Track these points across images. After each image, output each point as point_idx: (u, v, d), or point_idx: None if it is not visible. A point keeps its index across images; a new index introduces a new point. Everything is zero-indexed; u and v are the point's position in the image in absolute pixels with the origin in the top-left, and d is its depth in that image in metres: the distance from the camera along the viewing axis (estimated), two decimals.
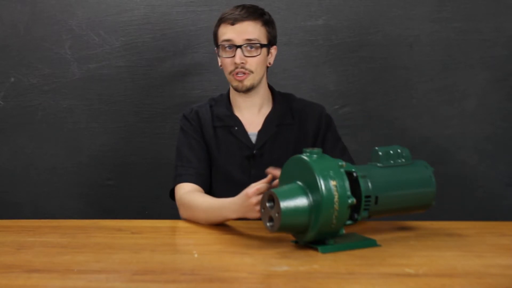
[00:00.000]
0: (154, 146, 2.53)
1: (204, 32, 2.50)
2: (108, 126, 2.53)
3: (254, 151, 1.91)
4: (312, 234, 1.43)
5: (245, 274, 1.31)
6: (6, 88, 2.53)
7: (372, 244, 1.51)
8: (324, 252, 1.44)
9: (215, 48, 1.95)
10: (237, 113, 1.96)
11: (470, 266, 1.36)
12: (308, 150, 1.49)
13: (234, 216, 1.63)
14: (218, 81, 2.49)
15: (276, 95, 1.99)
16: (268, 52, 1.92)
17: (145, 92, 2.52)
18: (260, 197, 1.54)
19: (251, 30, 1.86)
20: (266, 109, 1.96)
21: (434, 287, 1.22)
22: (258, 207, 1.54)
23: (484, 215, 2.47)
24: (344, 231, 1.47)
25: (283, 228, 1.43)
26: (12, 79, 2.53)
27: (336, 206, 1.40)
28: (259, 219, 1.53)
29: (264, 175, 1.86)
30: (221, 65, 1.94)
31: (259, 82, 1.92)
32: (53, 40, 2.51)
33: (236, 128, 1.93)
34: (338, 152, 1.91)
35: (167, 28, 2.51)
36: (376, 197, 1.49)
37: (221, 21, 1.90)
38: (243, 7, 1.89)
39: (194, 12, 2.51)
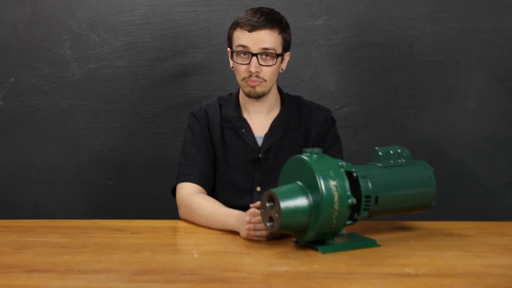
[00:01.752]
0: (154, 146, 2.53)
1: (204, 32, 2.50)
2: (108, 126, 2.53)
3: (260, 155, 1.90)
4: (312, 234, 1.43)
5: (245, 274, 1.31)
6: (6, 88, 2.53)
7: (372, 244, 1.51)
8: (324, 252, 1.44)
9: (228, 49, 1.92)
10: (245, 115, 1.95)
11: (470, 266, 1.36)
12: (308, 150, 1.49)
13: (235, 226, 1.62)
14: (218, 81, 2.49)
15: (284, 98, 1.97)
16: (282, 59, 1.91)
17: (145, 92, 2.52)
18: (257, 225, 1.54)
19: (268, 39, 1.83)
20: (274, 112, 1.95)
21: (434, 287, 1.22)
22: (247, 226, 1.55)
23: (484, 215, 2.47)
24: (344, 231, 1.47)
25: (283, 228, 1.43)
26: (12, 79, 2.52)
27: (336, 206, 1.40)
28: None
29: (267, 179, 1.87)
30: (232, 67, 1.93)
31: (270, 90, 1.91)
32: (53, 40, 2.51)
33: (243, 130, 1.92)
34: (332, 154, 1.90)
35: (167, 28, 2.51)
36: (376, 197, 1.50)
37: (238, 25, 1.86)
38: (261, 13, 1.85)
39: (194, 12, 2.51)
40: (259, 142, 1.92)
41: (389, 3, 2.49)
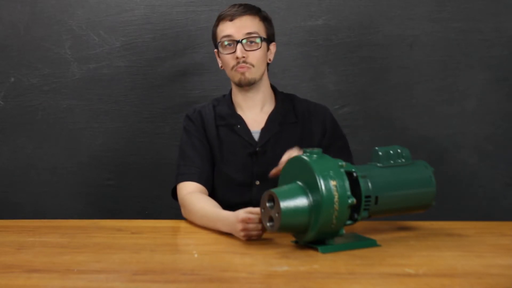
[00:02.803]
0: (154, 146, 2.53)
1: (204, 32, 2.50)
2: (108, 126, 2.53)
3: (257, 148, 1.91)
4: (312, 234, 1.43)
5: (245, 274, 1.31)
6: (6, 88, 2.53)
7: (372, 244, 1.51)
8: (324, 252, 1.44)
9: (215, 50, 1.96)
10: (240, 112, 1.96)
11: (470, 266, 1.36)
12: (308, 150, 1.49)
13: (225, 230, 1.62)
14: (218, 81, 2.49)
15: (278, 95, 2.00)
16: (268, 48, 1.94)
17: (145, 92, 2.52)
18: (247, 225, 1.54)
19: (250, 24, 1.89)
20: (269, 108, 1.97)
21: (434, 287, 1.22)
22: (243, 233, 1.54)
23: (484, 215, 2.47)
24: (344, 231, 1.47)
25: (283, 228, 1.43)
26: (12, 79, 2.53)
27: (336, 206, 1.40)
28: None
29: (266, 173, 1.87)
30: (221, 66, 1.95)
31: (261, 78, 1.92)
32: (53, 40, 2.51)
33: (238, 126, 1.93)
34: (345, 155, 1.92)
35: (167, 28, 2.51)
36: (376, 197, 1.49)
37: (219, 19, 1.93)
38: (239, 5, 1.92)
39: (194, 12, 2.51)
40: (256, 137, 1.92)
41: (389, 3, 2.49)
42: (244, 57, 1.86)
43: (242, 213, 1.56)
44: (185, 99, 2.51)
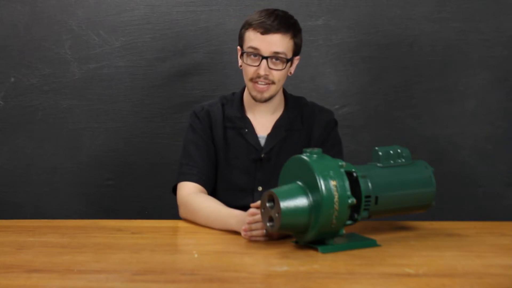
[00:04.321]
0: (154, 146, 2.53)
1: (204, 32, 2.50)
2: (108, 126, 2.53)
3: (262, 155, 1.90)
4: (312, 234, 1.43)
5: (245, 274, 1.31)
6: (6, 88, 2.53)
7: (372, 244, 1.51)
8: (324, 252, 1.44)
9: (238, 47, 1.92)
10: (249, 114, 1.95)
11: (470, 266, 1.36)
12: (308, 150, 1.49)
13: (236, 227, 1.62)
14: (218, 81, 2.49)
15: (288, 99, 1.98)
16: (291, 64, 1.90)
17: (145, 92, 2.52)
18: (253, 225, 1.55)
19: (279, 43, 1.82)
20: (278, 113, 1.95)
21: (434, 287, 1.22)
22: (246, 233, 1.55)
23: (484, 215, 2.47)
24: (344, 231, 1.47)
25: (283, 228, 1.43)
26: (12, 79, 2.53)
27: (336, 206, 1.40)
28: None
29: (269, 179, 1.87)
30: (240, 65, 1.91)
31: (277, 92, 1.90)
32: (53, 40, 2.51)
33: (246, 130, 1.92)
34: (331, 155, 1.91)
35: (167, 28, 2.51)
36: (376, 197, 1.50)
37: (251, 26, 1.84)
38: (276, 16, 1.83)
39: (194, 12, 2.51)
40: (262, 142, 1.92)
41: (389, 3, 2.49)
42: (267, 74, 1.83)
43: (253, 210, 1.57)
44: (185, 99, 2.51)
